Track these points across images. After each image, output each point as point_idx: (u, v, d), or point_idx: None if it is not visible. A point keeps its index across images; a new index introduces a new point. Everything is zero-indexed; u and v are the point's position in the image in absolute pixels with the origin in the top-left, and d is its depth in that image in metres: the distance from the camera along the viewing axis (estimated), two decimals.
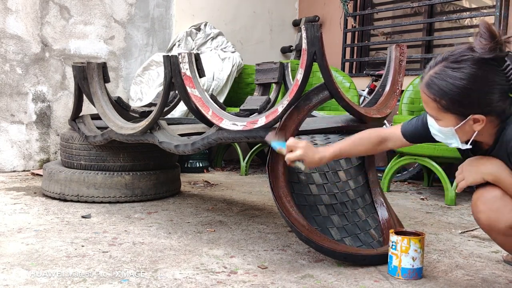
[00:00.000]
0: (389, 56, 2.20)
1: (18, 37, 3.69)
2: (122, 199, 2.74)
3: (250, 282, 1.62)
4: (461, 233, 2.36)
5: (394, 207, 2.79)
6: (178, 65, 2.21)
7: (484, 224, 1.48)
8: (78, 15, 3.95)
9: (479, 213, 1.48)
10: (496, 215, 1.44)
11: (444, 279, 1.71)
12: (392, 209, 2.13)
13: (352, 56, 4.90)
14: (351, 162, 2.14)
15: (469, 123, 1.39)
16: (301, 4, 5.32)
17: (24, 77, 3.74)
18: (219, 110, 2.09)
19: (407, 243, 1.66)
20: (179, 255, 1.88)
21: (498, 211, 1.44)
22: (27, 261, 1.75)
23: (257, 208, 2.76)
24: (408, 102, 3.50)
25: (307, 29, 1.72)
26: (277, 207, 1.78)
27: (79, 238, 2.05)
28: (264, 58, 4.83)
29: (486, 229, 1.50)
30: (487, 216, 1.46)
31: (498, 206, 1.44)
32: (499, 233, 1.46)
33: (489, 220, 1.46)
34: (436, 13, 4.38)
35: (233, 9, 4.83)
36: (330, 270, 1.76)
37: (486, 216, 1.46)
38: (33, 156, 3.82)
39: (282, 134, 1.78)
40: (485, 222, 1.47)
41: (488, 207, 1.45)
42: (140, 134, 2.45)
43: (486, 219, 1.47)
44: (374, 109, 2.07)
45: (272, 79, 2.40)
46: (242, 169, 4.02)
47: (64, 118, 3.92)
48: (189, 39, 4.35)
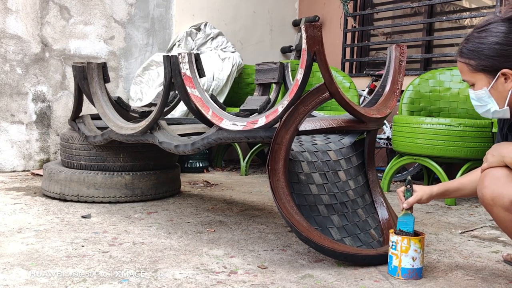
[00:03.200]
0: (389, 56, 2.20)
1: (18, 37, 3.69)
2: (122, 199, 2.74)
3: (250, 282, 1.62)
4: (461, 233, 2.36)
5: (394, 207, 2.79)
6: (178, 65, 2.21)
7: (488, 199, 1.48)
8: (78, 15, 3.95)
9: (484, 188, 1.49)
10: (500, 190, 1.45)
11: (444, 279, 1.71)
12: (392, 209, 2.13)
13: (352, 56, 4.91)
14: (351, 162, 2.14)
15: (501, 81, 1.46)
16: (301, 4, 5.32)
17: (24, 77, 3.74)
18: (219, 110, 2.09)
19: (407, 243, 1.67)
20: (179, 255, 1.88)
21: (503, 186, 1.45)
22: (27, 261, 1.75)
23: (257, 208, 2.76)
24: (408, 102, 3.50)
25: (307, 29, 1.72)
26: (277, 207, 1.78)
27: (79, 238, 2.05)
28: (264, 58, 4.84)
29: (490, 204, 1.49)
30: (492, 190, 1.47)
31: (504, 182, 1.45)
32: (502, 207, 1.46)
33: (493, 194, 1.46)
34: (436, 13, 4.38)
35: (233, 9, 4.84)
36: (330, 270, 1.76)
37: (490, 191, 1.47)
38: (33, 156, 3.82)
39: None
40: (489, 196, 1.47)
41: (494, 182, 1.46)
42: (140, 134, 2.45)
43: (490, 193, 1.47)
44: (374, 109, 2.07)
45: (272, 79, 2.39)
46: (242, 169, 4.02)
47: (64, 118, 3.92)
48: (189, 39, 4.35)
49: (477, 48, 1.47)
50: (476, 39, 1.49)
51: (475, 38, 1.49)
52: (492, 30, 1.46)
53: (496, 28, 1.45)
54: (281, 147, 1.81)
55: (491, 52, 1.45)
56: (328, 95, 1.82)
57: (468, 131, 2.93)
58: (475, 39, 1.49)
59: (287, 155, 1.82)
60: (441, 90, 3.52)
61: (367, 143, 2.16)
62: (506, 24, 1.45)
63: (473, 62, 1.49)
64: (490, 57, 1.45)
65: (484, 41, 1.46)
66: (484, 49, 1.46)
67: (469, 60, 1.50)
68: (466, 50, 1.50)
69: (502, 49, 1.44)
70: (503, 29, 1.45)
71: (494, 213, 1.52)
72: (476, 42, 1.48)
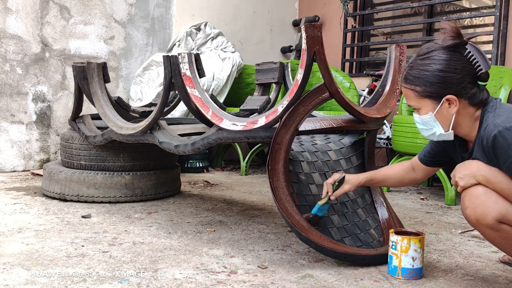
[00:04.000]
0: (389, 56, 2.20)
1: (18, 37, 3.69)
2: (122, 199, 2.74)
3: (250, 282, 1.62)
4: (461, 233, 2.36)
5: (394, 207, 2.80)
6: (178, 65, 2.21)
7: (472, 220, 1.51)
8: (78, 15, 3.95)
9: (466, 209, 1.52)
10: (481, 209, 1.47)
11: (444, 279, 1.71)
12: (392, 209, 2.13)
13: (352, 56, 4.91)
14: (351, 162, 2.14)
15: (445, 106, 1.52)
16: (301, 4, 5.32)
17: (24, 77, 3.74)
18: (219, 110, 2.09)
19: (407, 243, 1.67)
20: (179, 255, 1.88)
21: (483, 205, 1.47)
22: (27, 261, 1.75)
23: (257, 208, 2.76)
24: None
25: (307, 29, 1.72)
26: (277, 207, 1.78)
27: (79, 238, 2.05)
28: (264, 58, 4.84)
29: (475, 224, 1.52)
30: (474, 211, 1.49)
31: (483, 200, 1.47)
32: (487, 227, 1.49)
33: (476, 215, 1.49)
34: (436, 13, 4.38)
35: (233, 9, 4.84)
36: (330, 270, 1.76)
37: (472, 211, 1.50)
38: (33, 156, 3.82)
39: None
40: (473, 217, 1.50)
41: (473, 202, 1.49)
42: (140, 134, 2.45)
43: (473, 214, 1.50)
44: (374, 109, 2.07)
45: (272, 79, 2.40)
46: (242, 169, 4.02)
47: (64, 118, 3.93)
48: (189, 39, 4.35)
49: (422, 75, 1.52)
50: (421, 66, 1.53)
51: (419, 65, 1.54)
52: (434, 57, 1.51)
53: (438, 56, 1.51)
54: (281, 147, 1.81)
55: (435, 79, 1.50)
56: (328, 95, 1.82)
57: None
58: (419, 66, 1.54)
59: (287, 155, 1.82)
60: None
61: (367, 143, 2.16)
62: (447, 51, 1.50)
63: (419, 88, 1.54)
64: (434, 83, 1.51)
65: (428, 69, 1.51)
66: (428, 76, 1.51)
67: (414, 86, 1.55)
68: (411, 77, 1.55)
69: (445, 76, 1.49)
70: (444, 56, 1.50)
71: (481, 232, 1.54)
72: (420, 69, 1.53)
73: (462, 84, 1.50)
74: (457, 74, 1.49)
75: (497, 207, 1.46)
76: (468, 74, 1.50)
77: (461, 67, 1.50)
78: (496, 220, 1.46)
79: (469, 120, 1.54)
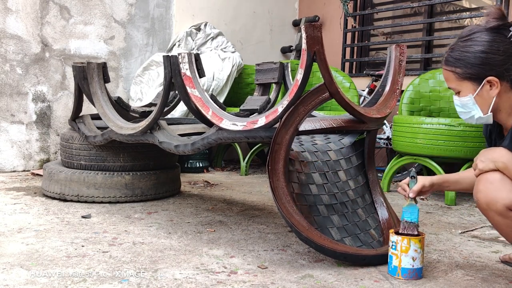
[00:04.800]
0: (389, 56, 2.20)
1: (18, 37, 3.69)
2: (122, 199, 2.74)
3: (250, 282, 1.62)
4: (461, 233, 2.36)
5: (394, 207, 2.79)
6: (178, 65, 2.21)
7: (483, 204, 1.51)
8: (78, 15, 3.95)
9: (478, 193, 1.51)
10: (494, 194, 1.47)
11: (444, 279, 1.71)
12: (392, 209, 2.13)
13: (352, 56, 4.90)
14: (351, 162, 2.14)
15: (486, 89, 1.50)
16: (301, 4, 5.32)
17: (24, 77, 3.74)
18: (219, 110, 2.09)
19: (407, 243, 1.67)
20: (179, 255, 1.88)
21: (496, 191, 1.47)
22: (27, 261, 1.75)
23: (257, 208, 2.76)
24: (408, 102, 3.50)
25: (307, 29, 1.72)
26: (277, 207, 1.78)
27: (79, 238, 2.05)
28: (264, 58, 4.84)
29: (484, 208, 1.52)
30: (485, 194, 1.49)
31: (497, 186, 1.47)
32: (496, 212, 1.48)
33: (487, 198, 1.49)
34: (436, 13, 4.38)
35: (233, 9, 4.84)
36: (330, 270, 1.76)
37: (484, 195, 1.49)
38: (33, 156, 3.82)
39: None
40: (484, 201, 1.50)
41: (487, 187, 1.49)
42: (140, 134, 2.45)
43: (484, 198, 1.49)
44: (374, 109, 2.07)
45: (272, 79, 2.40)
46: (242, 169, 4.02)
47: (64, 118, 3.93)
48: (189, 39, 4.35)
49: (463, 56, 1.52)
50: (462, 48, 1.53)
51: (460, 47, 1.54)
52: (476, 39, 1.51)
53: (481, 37, 1.50)
54: (281, 147, 1.81)
55: (476, 60, 1.50)
56: (328, 95, 1.82)
57: (468, 131, 2.93)
58: (460, 48, 1.53)
59: (287, 155, 1.82)
60: (441, 90, 3.52)
61: (367, 143, 2.16)
62: (489, 33, 1.49)
63: (459, 70, 1.53)
64: (475, 65, 1.50)
65: (470, 50, 1.51)
66: (469, 57, 1.50)
67: (455, 68, 1.54)
68: (452, 59, 1.54)
69: (487, 57, 1.48)
70: (487, 38, 1.49)
71: (490, 217, 1.54)
72: (461, 50, 1.53)
73: (504, 66, 1.48)
74: (499, 55, 1.47)
75: (510, 195, 1.44)
76: (510, 56, 1.48)
77: (504, 49, 1.48)
78: (506, 207, 1.45)
79: (509, 105, 1.52)
